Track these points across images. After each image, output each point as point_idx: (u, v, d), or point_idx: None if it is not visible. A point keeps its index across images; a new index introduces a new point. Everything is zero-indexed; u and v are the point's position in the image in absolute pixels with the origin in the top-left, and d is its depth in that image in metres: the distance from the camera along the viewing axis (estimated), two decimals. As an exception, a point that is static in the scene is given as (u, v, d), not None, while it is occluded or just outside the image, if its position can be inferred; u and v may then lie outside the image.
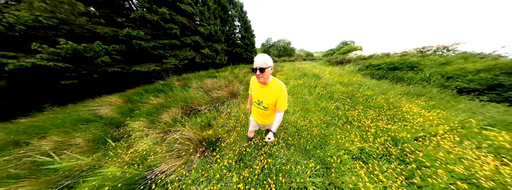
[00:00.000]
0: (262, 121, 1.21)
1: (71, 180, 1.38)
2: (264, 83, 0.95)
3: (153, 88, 4.43)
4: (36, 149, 1.87)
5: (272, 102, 0.98)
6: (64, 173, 1.41)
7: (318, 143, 1.68)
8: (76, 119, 2.56)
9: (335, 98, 3.12)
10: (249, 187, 1.12)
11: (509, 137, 1.53)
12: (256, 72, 0.84)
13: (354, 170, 1.26)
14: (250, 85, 1.17)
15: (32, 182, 1.31)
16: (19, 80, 3.43)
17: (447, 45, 7.39)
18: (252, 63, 11.70)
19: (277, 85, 0.94)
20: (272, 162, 1.36)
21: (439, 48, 7.64)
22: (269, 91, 0.96)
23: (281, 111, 1.00)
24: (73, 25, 4.07)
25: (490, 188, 1.03)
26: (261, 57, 0.82)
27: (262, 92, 1.00)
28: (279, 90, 0.93)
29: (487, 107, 2.42)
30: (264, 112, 1.11)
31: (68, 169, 1.46)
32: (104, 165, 1.56)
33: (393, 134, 1.73)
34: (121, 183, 1.16)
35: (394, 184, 1.11)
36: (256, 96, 1.06)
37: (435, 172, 1.17)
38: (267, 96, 0.98)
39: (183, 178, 1.29)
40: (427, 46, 8.15)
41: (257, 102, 1.07)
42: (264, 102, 1.01)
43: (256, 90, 1.05)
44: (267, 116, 1.15)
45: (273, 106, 1.02)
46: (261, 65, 0.81)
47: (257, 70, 0.82)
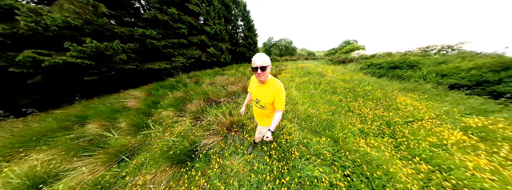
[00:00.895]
0: (260, 121, 1.22)
1: (128, 153, 1.79)
2: (263, 82, 0.97)
3: (168, 84, 4.83)
4: (87, 131, 2.27)
5: (269, 101, 1.00)
6: (122, 147, 1.81)
7: (326, 126, 2.09)
8: (111, 109, 2.96)
9: (338, 92, 3.53)
10: (278, 153, 1.53)
11: (478, 120, 1.94)
12: (257, 71, 0.86)
13: (356, 142, 1.67)
14: (250, 84, 1.21)
15: (103, 151, 1.72)
16: (51, 76, 3.83)
17: (452, 44, 7.36)
18: (255, 62, 11.58)
19: (275, 85, 0.96)
20: (292, 138, 1.77)
21: (443, 47, 7.60)
22: (267, 90, 0.98)
23: (279, 111, 1.01)
24: (95, 25, 4.47)
25: (454, 150, 1.44)
26: (261, 56, 0.85)
27: (260, 91, 1.02)
28: (276, 89, 0.95)
29: (470, 99, 2.83)
30: (262, 111, 1.12)
31: (123, 145, 1.86)
32: (151, 142, 1.97)
33: (387, 119, 2.14)
34: (175, 153, 1.56)
35: (387, 150, 1.52)
36: (255, 95, 1.09)
37: (417, 142, 1.58)
38: (265, 95, 1.00)
39: (221, 151, 1.69)
40: (432, 45, 8.11)
41: (256, 100, 1.10)
42: (262, 100, 1.03)
43: (255, 89, 1.08)
44: (265, 116, 1.16)
45: (271, 105, 1.03)
46: (262, 64, 0.83)
47: (258, 69, 0.84)
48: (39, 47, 3.52)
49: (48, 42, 3.75)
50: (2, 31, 3.01)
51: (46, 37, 3.61)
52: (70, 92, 4.19)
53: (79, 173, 1.49)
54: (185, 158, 1.55)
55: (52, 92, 4.01)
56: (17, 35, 3.23)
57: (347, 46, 26.29)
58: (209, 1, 9.50)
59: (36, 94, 3.86)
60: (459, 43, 7.22)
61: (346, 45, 28.41)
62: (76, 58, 3.84)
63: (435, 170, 1.27)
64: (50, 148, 1.95)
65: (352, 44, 26.90)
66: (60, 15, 3.63)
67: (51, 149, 1.90)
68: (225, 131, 1.91)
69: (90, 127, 2.39)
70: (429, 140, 1.62)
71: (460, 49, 6.98)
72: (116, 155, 1.70)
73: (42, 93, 3.82)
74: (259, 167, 1.39)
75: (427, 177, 1.20)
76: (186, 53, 8.11)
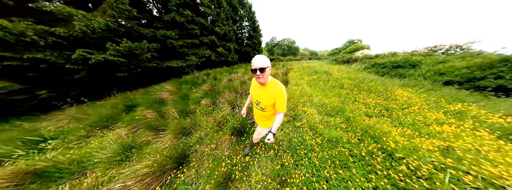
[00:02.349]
0: (260, 123, 1.24)
1: (187, 130, 2.42)
2: (263, 84, 0.97)
3: (189, 80, 5.49)
4: (143, 116, 2.91)
5: (270, 103, 1.00)
6: (184, 126, 2.45)
7: (338, 110, 2.72)
8: (152, 99, 3.62)
9: (345, 87, 4.17)
10: (309, 125, 2.15)
11: (460, 105, 2.57)
12: (256, 73, 0.86)
13: (362, 119, 2.30)
14: (251, 86, 1.21)
15: (169, 129, 2.35)
16: (93, 72, 4.51)
17: (461, 44, 7.34)
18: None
19: (276, 87, 0.96)
20: (314, 118, 2.40)
21: (451, 47, 7.62)
22: (267, 92, 0.99)
23: (280, 113, 1.02)
24: (126, 27, 5.18)
25: (432, 123, 2.07)
26: (260, 58, 0.85)
27: (260, 93, 1.03)
28: (277, 91, 0.95)
29: (459, 92, 3.45)
30: (262, 113, 1.13)
31: (182, 125, 2.49)
32: (201, 124, 2.60)
33: (386, 106, 2.77)
34: (235, 127, 2.18)
35: (385, 123, 2.15)
36: (255, 96, 1.10)
37: (406, 118, 2.21)
38: (265, 97, 1.00)
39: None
40: (439, 45, 8.15)
41: (256, 102, 1.11)
42: (262, 102, 1.04)
43: (255, 91, 1.09)
44: (265, 118, 1.17)
45: (272, 107, 1.04)
46: (261, 65, 0.84)
47: (257, 70, 0.84)
48: (86, 47, 4.20)
49: (92, 43, 4.44)
50: (62, 34, 3.70)
51: (91, 38, 4.30)
52: (106, 87, 4.87)
53: (158, 142, 2.13)
54: (241, 131, 2.16)
55: (93, 86, 4.69)
56: (72, 37, 3.91)
57: (351, 46, 26.75)
58: (219, 3, 10.24)
59: (81, 87, 4.55)
60: (468, 42, 7.20)
61: (350, 44, 28.91)
62: (113, 57, 4.52)
63: (416, 133, 1.89)
64: (123, 126, 2.60)
65: (356, 43, 27.39)
66: (103, 20, 4.33)
67: (124, 127, 2.55)
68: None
69: (139, 113, 3.04)
70: (416, 118, 2.25)
71: (469, 49, 6.95)
72: (181, 131, 2.33)
73: (86, 87, 4.50)
74: (301, 135, 2.03)
75: (410, 137, 1.83)
76: (198, 52, 8.81)
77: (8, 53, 2.99)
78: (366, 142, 1.72)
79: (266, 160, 1.59)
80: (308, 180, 1.29)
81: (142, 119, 2.75)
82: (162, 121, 2.60)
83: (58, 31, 3.62)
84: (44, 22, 3.59)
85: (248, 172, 1.43)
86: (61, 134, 2.50)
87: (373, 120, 2.30)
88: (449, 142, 1.64)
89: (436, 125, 2.08)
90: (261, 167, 1.49)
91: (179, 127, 2.22)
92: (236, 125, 2.08)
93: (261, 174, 1.39)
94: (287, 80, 5.03)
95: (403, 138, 1.79)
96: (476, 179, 1.11)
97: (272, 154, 1.67)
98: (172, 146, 2.04)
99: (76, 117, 3.12)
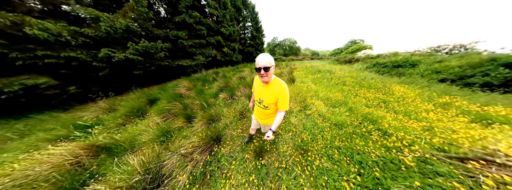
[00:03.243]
0: (262, 120, 1.27)
1: (215, 118, 2.86)
2: (267, 83, 1.00)
3: (201, 78, 5.94)
4: (172, 107, 3.35)
5: (272, 102, 1.03)
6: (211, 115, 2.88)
7: (342, 103, 3.16)
8: (171, 94, 4.06)
9: (347, 84, 4.62)
10: (317, 115, 2.60)
11: (447, 98, 3.03)
12: (260, 71, 0.88)
13: (362, 109, 2.75)
14: (253, 84, 1.23)
15: (198, 117, 2.78)
16: (114, 69, 4.96)
17: (465, 43, 7.39)
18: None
19: (279, 85, 0.98)
20: (321, 108, 2.85)
21: (455, 46, 7.69)
22: (270, 91, 1.01)
23: (282, 111, 1.04)
24: (143, 28, 5.65)
25: (422, 112, 2.52)
26: (264, 56, 0.87)
27: (263, 91, 1.05)
28: (280, 90, 0.97)
29: (449, 88, 3.91)
30: (265, 111, 1.16)
31: (210, 114, 2.93)
32: (224, 114, 3.04)
33: (384, 99, 3.22)
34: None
35: (382, 112, 2.60)
36: (258, 95, 1.13)
37: (400, 107, 2.66)
38: (268, 95, 1.03)
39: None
40: (443, 45, 8.21)
41: (258, 100, 1.14)
42: (264, 100, 1.07)
43: (258, 89, 1.12)
44: (267, 116, 1.20)
45: (274, 106, 1.06)
46: (265, 64, 0.85)
47: (262, 69, 0.87)
48: (108, 46, 4.66)
49: (113, 42, 4.90)
50: (90, 34, 4.16)
51: (112, 38, 4.76)
52: (125, 84, 5.31)
53: (191, 128, 2.56)
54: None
55: (113, 83, 5.13)
56: (97, 37, 4.37)
57: (353, 45, 27.21)
58: (224, 4, 10.77)
59: (103, 84, 4.99)
60: (472, 42, 7.27)
61: (352, 44, 29.40)
62: (133, 55, 4.98)
63: (405, 118, 2.34)
64: (155, 115, 3.03)
65: (359, 43, 27.85)
66: (124, 21, 4.79)
67: (157, 116, 2.99)
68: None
69: (162, 105, 3.47)
70: (409, 108, 2.71)
71: (473, 49, 7.06)
72: (209, 119, 2.74)
73: (108, 83, 4.94)
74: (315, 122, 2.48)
75: (401, 121, 2.27)
76: (205, 52, 9.29)
77: (49, 52, 3.43)
78: (365, 124, 2.16)
79: (288, 139, 2.02)
80: (325, 148, 1.73)
81: (171, 109, 3.19)
82: (189, 111, 3.04)
83: (86, 31, 4.08)
84: (74, 24, 4.05)
85: (276, 146, 1.86)
86: (100, 122, 2.93)
87: (372, 109, 2.75)
88: (431, 124, 2.09)
89: (425, 112, 2.53)
90: (286, 143, 1.93)
91: (208, 115, 2.65)
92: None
93: (286, 147, 1.83)
94: (293, 78, 5.48)
95: (395, 121, 2.23)
96: (444, 143, 1.56)
97: (291, 135, 2.10)
98: (204, 130, 2.48)
99: (106, 108, 3.56)
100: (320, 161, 1.54)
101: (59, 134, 2.35)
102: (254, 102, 1.28)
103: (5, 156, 2.00)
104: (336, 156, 1.60)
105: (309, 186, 1.30)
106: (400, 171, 1.32)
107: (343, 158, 1.56)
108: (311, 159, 1.58)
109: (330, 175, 1.38)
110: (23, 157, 1.85)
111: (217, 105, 3.35)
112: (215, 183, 1.43)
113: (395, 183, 1.21)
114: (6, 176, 1.51)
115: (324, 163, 1.53)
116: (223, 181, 1.42)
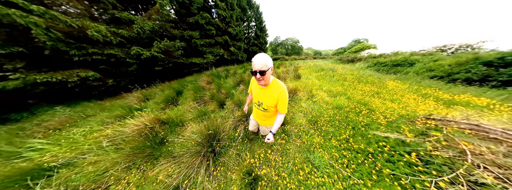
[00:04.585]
0: (262, 121, 1.30)
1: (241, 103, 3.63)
2: (265, 85, 1.00)
3: (215, 74, 6.71)
4: (203, 95, 4.12)
5: (272, 104, 1.04)
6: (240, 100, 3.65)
7: (342, 94, 3.92)
8: (195, 87, 4.84)
9: (347, 80, 5.38)
10: (322, 101, 3.37)
11: (429, 89, 3.79)
12: (256, 75, 0.86)
13: (358, 97, 3.51)
14: (250, 86, 1.24)
15: (230, 100, 3.55)
16: (140, 66, 5.76)
17: (471, 43, 7.52)
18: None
19: (278, 87, 0.99)
20: (324, 98, 3.60)
21: (461, 46, 7.85)
22: (269, 93, 1.02)
23: (282, 114, 1.06)
24: (163, 29, 6.45)
25: (407, 100, 3.28)
26: (261, 58, 0.83)
27: (262, 94, 1.06)
28: (279, 92, 0.98)
29: (437, 83, 4.66)
30: (264, 114, 1.18)
31: (238, 99, 3.70)
32: (245, 100, 3.80)
33: (377, 91, 3.98)
34: None
35: (376, 99, 3.36)
36: (256, 97, 1.13)
37: (389, 96, 3.43)
38: (267, 98, 1.03)
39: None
40: (449, 44, 8.36)
41: (257, 103, 1.15)
42: (264, 103, 1.07)
43: (256, 92, 1.12)
44: (267, 118, 1.23)
45: (274, 108, 1.08)
46: (261, 67, 0.82)
47: (257, 73, 0.84)
48: (138, 45, 5.46)
49: (138, 42, 5.70)
50: (125, 35, 4.95)
51: (140, 38, 5.56)
52: (147, 78, 6.11)
53: (224, 110, 3.32)
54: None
55: (139, 77, 5.93)
56: (130, 37, 5.17)
57: (357, 45, 27.89)
58: (231, 5, 11.59)
59: (131, 78, 5.80)
60: (479, 41, 7.42)
61: (355, 44, 30.13)
62: (157, 53, 5.78)
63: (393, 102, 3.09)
64: (190, 102, 3.80)
65: (363, 43, 28.51)
66: (150, 23, 5.60)
67: (192, 102, 3.76)
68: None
69: (189, 95, 4.24)
70: (395, 97, 3.46)
71: (480, 48, 7.27)
72: (237, 103, 3.49)
73: (134, 77, 5.75)
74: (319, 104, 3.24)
75: (386, 104, 3.02)
76: (214, 51, 10.09)
77: (96, 50, 4.22)
78: (359, 106, 2.92)
79: (301, 116, 2.78)
80: (332, 120, 2.50)
81: (203, 97, 3.97)
82: (217, 98, 3.81)
83: (122, 32, 4.88)
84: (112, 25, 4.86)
85: (294, 118, 2.62)
86: (145, 107, 3.71)
87: (366, 97, 3.52)
88: (406, 105, 2.85)
89: (408, 100, 3.29)
90: (300, 118, 2.69)
91: (237, 100, 3.43)
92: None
93: (302, 120, 2.59)
94: (299, 75, 6.25)
95: (382, 104, 3.00)
96: (409, 114, 2.33)
97: (303, 114, 2.86)
98: (239, 110, 3.25)
99: (140, 98, 4.34)
100: (326, 127, 2.31)
101: (120, 114, 3.13)
102: (253, 104, 1.27)
103: (93, 124, 2.78)
104: (337, 123, 2.36)
105: (319, 139, 2.06)
106: (378, 127, 2.09)
107: (342, 125, 2.32)
108: (320, 125, 2.34)
109: (334, 135, 2.13)
110: (104, 127, 2.63)
111: (238, 94, 4.12)
112: (256, 140, 2.18)
113: (373, 130, 1.98)
114: (106, 135, 2.29)
115: (329, 128, 2.29)
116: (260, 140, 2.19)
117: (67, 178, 1.64)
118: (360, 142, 1.87)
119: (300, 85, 4.42)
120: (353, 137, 1.98)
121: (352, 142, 1.90)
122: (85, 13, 4.37)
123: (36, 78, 3.25)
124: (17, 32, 3.28)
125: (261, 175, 1.52)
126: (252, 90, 1.20)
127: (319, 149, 1.89)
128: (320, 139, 2.06)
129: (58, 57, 3.72)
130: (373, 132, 1.95)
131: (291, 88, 3.91)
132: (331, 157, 1.74)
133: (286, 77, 5.81)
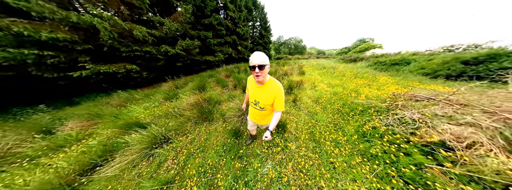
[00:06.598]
0: (258, 121, 1.36)
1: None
2: (261, 83, 1.04)
3: (229, 69, 7.85)
4: (229, 84, 5.24)
5: (269, 103, 1.08)
6: None
7: (339, 85, 5.01)
8: (217, 78, 5.96)
9: (346, 76, 6.49)
10: (322, 89, 4.46)
11: (412, 82, 4.88)
12: (255, 70, 0.92)
13: (352, 87, 4.60)
14: (247, 86, 1.28)
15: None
16: (166, 61, 6.92)
17: (480, 43, 7.77)
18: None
19: (274, 86, 1.04)
20: (324, 88, 4.70)
21: (469, 46, 8.11)
22: (266, 92, 1.06)
23: (279, 111, 1.10)
24: (183, 29, 7.64)
25: (395, 89, 4.38)
26: (259, 55, 0.90)
27: (258, 92, 1.10)
28: (276, 90, 1.03)
29: (423, 79, 5.73)
30: (261, 113, 1.23)
31: None
32: None
33: (369, 84, 5.07)
34: None
35: (366, 89, 4.45)
36: (253, 96, 1.18)
37: (377, 87, 4.52)
38: (264, 96, 1.08)
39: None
40: (457, 44, 8.64)
41: (254, 102, 1.20)
42: (260, 102, 1.12)
43: (252, 90, 1.17)
44: (264, 116, 1.28)
45: (270, 107, 1.13)
46: (260, 62, 0.89)
47: (256, 67, 0.90)
48: (166, 43, 6.62)
49: (163, 41, 6.87)
50: (157, 34, 6.12)
51: (165, 38, 6.73)
52: (172, 72, 7.27)
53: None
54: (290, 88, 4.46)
55: (165, 71, 7.10)
56: (160, 37, 6.34)
57: (361, 44, 28.43)
58: (239, 7, 12.80)
59: (159, 71, 6.96)
60: (489, 41, 7.66)
61: (360, 43, 30.72)
62: (180, 50, 6.94)
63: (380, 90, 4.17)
64: (218, 89, 4.92)
65: (368, 42, 28.97)
66: (175, 24, 6.78)
67: (220, 89, 4.87)
68: (294, 84, 4.87)
69: (213, 85, 5.37)
70: (382, 87, 4.55)
71: (489, 47, 7.37)
72: None
73: (161, 71, 6.92)
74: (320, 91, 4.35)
75: (373, 93, 4.11)
76: (223, 50, 11.26)
77: (137, 47, 5.36)
78: (351, 92, 4.02)
79: (307, 97, 3.87)
80: (329, 100, 3.58)
81: (228, 85, 5.08)
82: (242, 84, 4.93)
83: (154, 32, 6.04)
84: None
85: (302, 98, 3.72)
86: (179, 93, 4.83)
87: (358, 87, 4.61)
88: (387, 92, 3.94)
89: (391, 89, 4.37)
90: (308, 97, 3.78)
91: None
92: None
93: (308, 100, 3.68)
94: (303, 71, 7.36)
95: (369, 92, 4.09)
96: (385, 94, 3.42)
97: (308, 97, 3.96)
98: None
99: (172, 87, 5.46)
100: (325, 103, 3.41)
101: (167, 96, 4.26)
102: (250, 103, 1.32)
103: (151, 102, 3.91)
104: (334, 101, 3.46)
105: (321, 109, 3.16)
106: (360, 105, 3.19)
107: (338, 102, 3.41)
108: (321, 102, 3.44)
109: (331, 107, 3.22)
110: (160, 104, 3.74)
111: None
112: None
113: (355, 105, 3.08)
114: (170, 107, 3.41)
115: (327, 105, 3.38)
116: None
117: (163, 125, 2.75)
118: (346, 108, 2.97)
119: (305, 79, 5.53)
120: (342, 107, 3.08)
121: (341, 109, 3.00)
122: (127, 17, 5.54)
123: (100, 69, 4.39)
124: (89, 33, 4.44)
125: (288, 127, 2.62)
126: (249, 89, 1.25)
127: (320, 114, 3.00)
128: (320, 108, 3.16)
129: (111, 53, 4.87)
130: (355, 101, 3.05)
131: (297, 81, 5.02)
132: (327, 116, 2.84)
133: (293, 73, 6.93)
